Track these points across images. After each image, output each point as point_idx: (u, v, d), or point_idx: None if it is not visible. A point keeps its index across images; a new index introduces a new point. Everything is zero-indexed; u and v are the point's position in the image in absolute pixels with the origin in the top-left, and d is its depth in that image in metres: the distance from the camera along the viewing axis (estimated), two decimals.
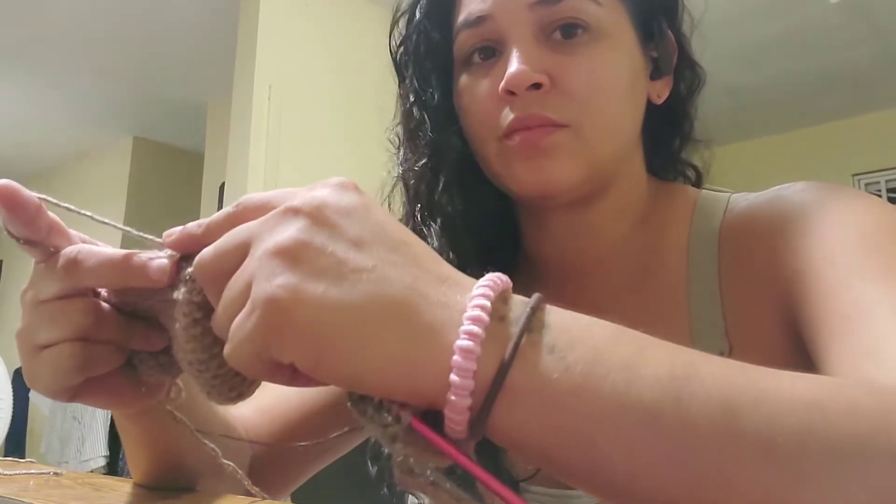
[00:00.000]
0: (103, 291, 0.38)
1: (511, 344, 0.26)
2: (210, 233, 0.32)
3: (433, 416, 0.27)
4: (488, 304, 0.27)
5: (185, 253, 0.34)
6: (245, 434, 0.59)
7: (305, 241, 0.27)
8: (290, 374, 0.29)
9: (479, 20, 0.52)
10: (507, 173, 0.53)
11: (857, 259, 0.42)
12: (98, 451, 3.43)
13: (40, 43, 3.70)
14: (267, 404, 0.61)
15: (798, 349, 0.45)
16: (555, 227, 0.57)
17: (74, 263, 0.35)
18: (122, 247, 0.38)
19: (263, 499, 0.44)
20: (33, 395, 3.90)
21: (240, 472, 0.43)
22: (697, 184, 0.63)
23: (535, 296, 0.28)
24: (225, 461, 0.42)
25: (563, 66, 0.50)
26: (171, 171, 4.95)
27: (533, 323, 0.27)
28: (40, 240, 0.36)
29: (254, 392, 0.36)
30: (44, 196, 0.36)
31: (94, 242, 0.38)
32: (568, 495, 0.52)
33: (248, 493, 0.51)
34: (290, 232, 0.28)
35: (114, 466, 3.42)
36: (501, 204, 0.58)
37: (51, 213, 0.36)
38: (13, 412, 2.71)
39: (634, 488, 0.26)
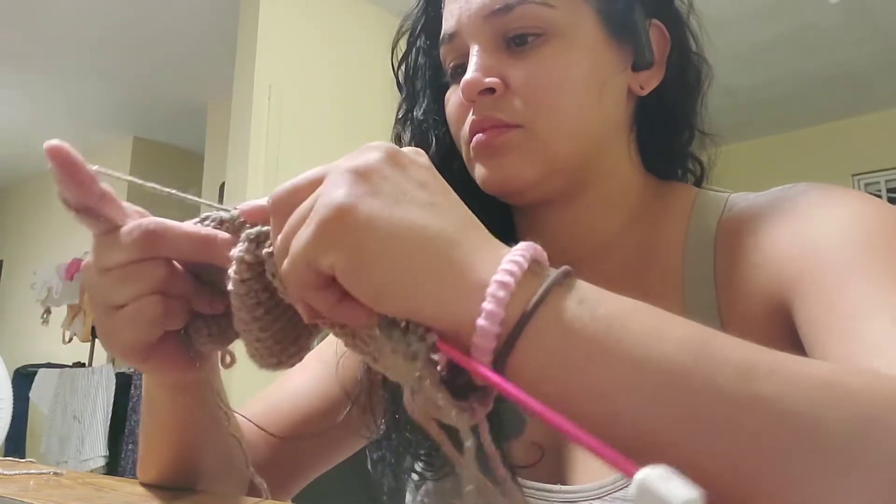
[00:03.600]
0: None
1: (543, 287, 0.28)
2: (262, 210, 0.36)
3: (455, 371, 0.30)
4: (526, 255, 0.29)
5: (254, 222, 0.37)
6: (246, 437, 0.59)
7: (377, 167, 0.31)
8: (337, 295, 0.30)
9: (451, 37, 0.56)
10: (474, 173, 0.56)
11: (860, 260, 0.42)
12: (98, 451, 3.43)
13: (40, 43, 3.70)
14: (263, 410, 0.62)
15: (794, 348, 0.45)
16: (544, 225, 0.58)
17: (153, 235, 0.37)
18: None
19: (267, 496, 0.44)
20: (33, 395, 3.90)
21: (243, 450, 0.44)
22: (699, 181, 0.63)
23: (564, 267, 0.30)
24: (232, 433, 0.43)
25: (516, 69, 0.52)
26: (171, 171, 4.95)
27: (564, 279, 0.29)
28: (93, 206, 0.37)
29: (294, 364, 0.38)
30: (100, 168, 0.37)
31: (146, 214, 0.40)
32: (565, 491, 0.52)
33: (251, 493, 0.51)
34: (364, 158, 0.31)
35: (113, 466, 3.42)
36: (500, 204, 0.58)
37: (104, 185, 0.37)
38: (13, 412, 2.71)
39: (647, 443, 0.27)
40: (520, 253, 0.29)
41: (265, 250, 0.35)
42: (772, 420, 0.25)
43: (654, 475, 0.21)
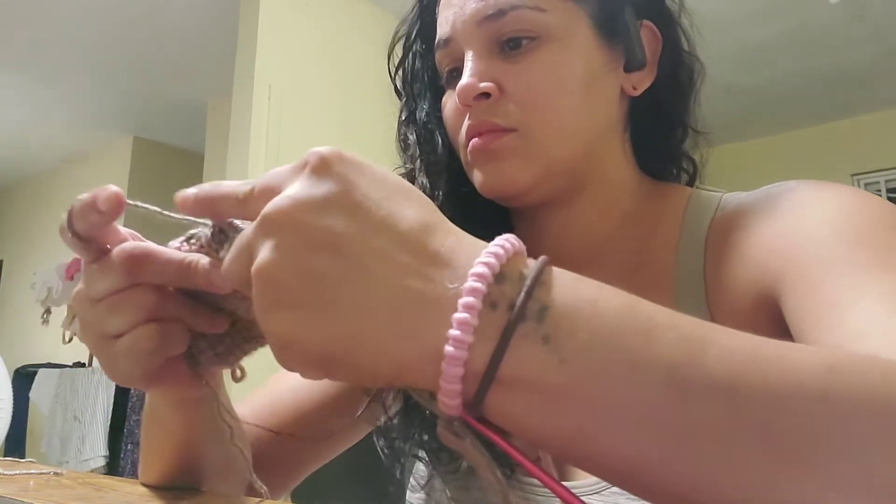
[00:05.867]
0: None
1: (496, 343, 0.26)
2: (215, 204, 0.34)
3: None
4: (479, 298, 0.26)
5: (195, 216, 0.35)
6: (247, 431, 0.59)
7: (279, 263, 0.28)
8: None
9: (446, 42, 0.56)
10: (472, 178, 0.56)
11: (846, 250, 0.43)
12: (98, 451, 3.43)
13: (40, 43, 3.70)
14: (263, 404, 0.62)
15: (783, 339, 0.45)
16: (542, 226, 0.58)
17: (136, 262, 0.36)
18: (126, 226, 0.38)
19: (267, 497, 0.44)
20: (33, 395, 3.90)
21: (245, 453, 0.44)
22: (692, 180, 0.63)
23: (539, 264, 0.27)
24: (235, 443, 0.43)
25: (510, 74, 0.53)
26: (171, 171, 4.95)
27: (528, 308, 0.26)
28: (96, 237, 0.36)
29: None
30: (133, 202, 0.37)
31: (139, 237, 0.39)
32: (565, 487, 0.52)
33: (251, 493, 0.51)
34: (264, 254, 0.28)
35: (114, 466, 3.42)
36: (499, 206, 0.59)
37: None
38: (13, 412, 2.71)
39: (634, 476, 0.27)
40: (468, 298, 0.26)
41: None
42: (759, 447, 0.25)
43: None
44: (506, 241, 0.28)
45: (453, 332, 0.26)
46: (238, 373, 0.43)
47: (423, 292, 0.27)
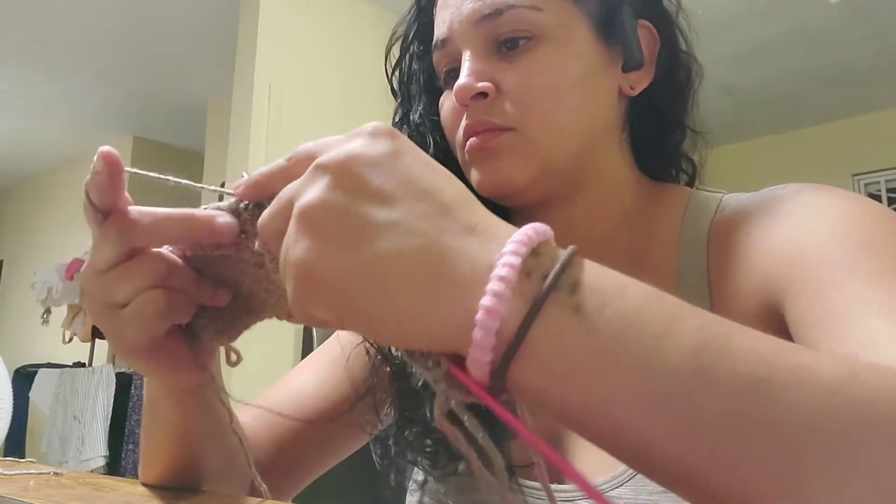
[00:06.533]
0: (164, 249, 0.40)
1: (531, 305, 0.26)
2: (267, 182, 0.35)
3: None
4: (518, 259, 0.27)
5: (252, 200, 0.37)
6: (249, 437, 0.59)
7: (326, 201, 0.29)
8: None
9: (443, 43, 0.56)
10: (469, 177, 0.56)
11: (851, 258, 0.43)
12: (98, 451, 3.43)
13: (40, 43, 3.70)
14: (265, 413, 0.61)
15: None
16: None
17: (131, 223, 0.37)
18: None
19: (268, 496, 0.44)
20: (33, 395, 3.90)
21: (245, 449, 0.44)
22: (692, 181, 0.63)
23: (570, 249, 0.28)
24: (234, 430, 0.43)
25: (507, 73, 0.53)
26: (171, 171, 4.93)
27: (561, 280, 0.27)
28: (112, 208, 0.37)
29: None
30: (130, 169, 0.38)
31: None
32: (562, 491, 0.52)
33: (252, 493, 0.51)
34: (313, 193, 0.29)
35: (114, 466, 3.42)
36: (498, 206, 0.59)
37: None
38: (13, 412, 2.71)
39: (647, 456, 0.27)
40: (509, 258, 0.27)
41: None
42: (775, 442, 0.25)
43: None
44: (540, 226, 0.29)
45: (493, 285, 0.26)
46: (233, 356, 0.44)
47: (461, 252, 0.28)
